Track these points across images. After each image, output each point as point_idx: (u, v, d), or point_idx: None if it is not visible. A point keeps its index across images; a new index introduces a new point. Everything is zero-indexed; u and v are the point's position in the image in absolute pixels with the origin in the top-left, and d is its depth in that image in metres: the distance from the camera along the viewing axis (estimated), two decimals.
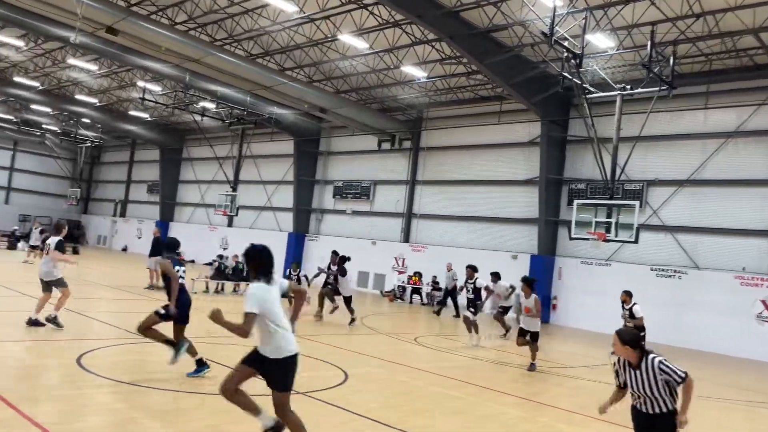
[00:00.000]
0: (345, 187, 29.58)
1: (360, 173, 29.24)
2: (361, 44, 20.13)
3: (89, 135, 42.06)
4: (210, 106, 29.45)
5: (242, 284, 19.86)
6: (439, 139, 26.22)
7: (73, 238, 44.10)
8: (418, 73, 21.96)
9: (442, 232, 25.47)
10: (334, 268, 15.00)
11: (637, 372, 4.65)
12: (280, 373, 4.70)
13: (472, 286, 13.56)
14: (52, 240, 9.53)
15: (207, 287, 19.14)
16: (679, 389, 4.58)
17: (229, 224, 34.98)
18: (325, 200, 30.87)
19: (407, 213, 26.77)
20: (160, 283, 18.08)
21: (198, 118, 31.11)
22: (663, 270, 19.15)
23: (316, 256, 29.95)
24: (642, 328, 12.06)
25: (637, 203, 16.59)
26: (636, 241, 16.15)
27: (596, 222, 16.23)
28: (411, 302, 24.21)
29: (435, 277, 23.84)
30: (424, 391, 8.45)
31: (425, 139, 26.78)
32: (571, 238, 17.39)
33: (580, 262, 21.03)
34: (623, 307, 12.70)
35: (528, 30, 18.01)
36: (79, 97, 33.66)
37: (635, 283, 19.23)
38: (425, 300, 23.83)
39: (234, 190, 31.07)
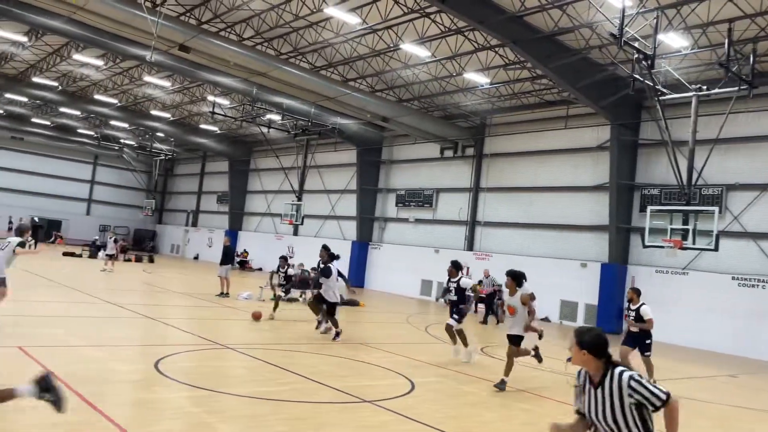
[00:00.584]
0: (407, 195, 29.62)
1: (422, 181, 29.21)
2: (423, 52, 20.17)
3: (163, 148, 44.11)
4: (276, 118, 30.20)
5: (308, 292, 20.19)
6: (503, 145, 25.86)
7: (148, 246, 46.14)
8: (480, 79, 21.77)
9: (507, 240, 25.04)
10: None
11: (597, 391, 3.30)
12: None
13: (455, 286, 11.43)
14: (14, 240, 9.68)
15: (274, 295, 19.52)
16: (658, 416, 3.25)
17: (295, 233, 35.67)
18: (387, 208, 31.00)
19: (471, 221, 26.51)
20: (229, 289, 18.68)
21: (265, 130, 31.96)
22: (746, 279, 18.06)
23: (380, 264, 30.14)
24: (648, 335, 10.42)
25: (716, 209, 15.76)
26: (716, 249, 15.32)
27: (672, 229, 15.52)
28: (476, 311, 23.84)
29: (501, 285, 23.44)
30: (492, 403, 8.28)
31: (489, 146, 26.47)
32: (644, 246, 16.71)
33: (654, 271, 20.15)
34: (629, 307, 10.72)
35: (595, 32, 17.52)
36: (153, 112, 35.32)
37: (715, 293, 18.37)
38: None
39: (299, 199, 31.66)
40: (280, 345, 11.20)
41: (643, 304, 10.49)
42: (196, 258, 43.63)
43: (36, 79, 30.65)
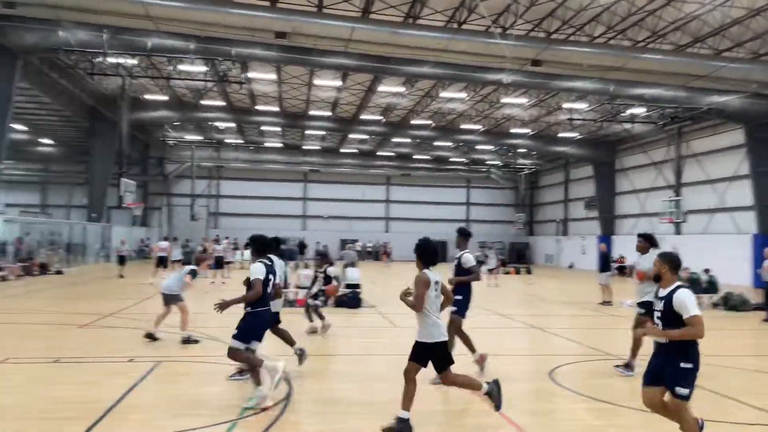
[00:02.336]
0: None
1: None
2: None
3: (526, 163, 45.81)
4: (639, 111, 28.23)
5: (704, 297, 17.97)
6: None
7: (523, 258, 48.05)
8: None
9: None
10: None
11: None
12: None
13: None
14: (188, 267, 10.36)
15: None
16: None
17: (677, 232, 32.38)
18: None
19: None
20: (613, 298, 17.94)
21: (628, 126, 30.20)
22: None
23: None
24: (691, 352, 4.82)
25: None
26: None
27: None
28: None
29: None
30: None
31: None
32: None
33: None
34: (656, 293, 5.09)
35: None
36: (513, 130, 37.03)
37: None
38: None
39: (677, 194, 28.75)
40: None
41: (681, 286, 4.92)
42: (570, 266, 43.53)
43: (414, 122, 35.48)
